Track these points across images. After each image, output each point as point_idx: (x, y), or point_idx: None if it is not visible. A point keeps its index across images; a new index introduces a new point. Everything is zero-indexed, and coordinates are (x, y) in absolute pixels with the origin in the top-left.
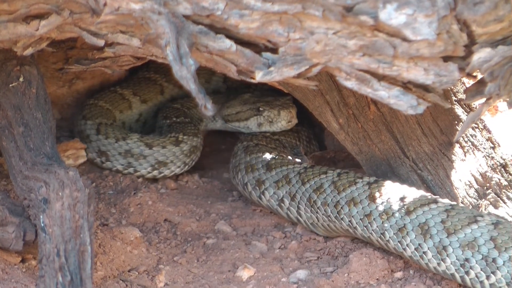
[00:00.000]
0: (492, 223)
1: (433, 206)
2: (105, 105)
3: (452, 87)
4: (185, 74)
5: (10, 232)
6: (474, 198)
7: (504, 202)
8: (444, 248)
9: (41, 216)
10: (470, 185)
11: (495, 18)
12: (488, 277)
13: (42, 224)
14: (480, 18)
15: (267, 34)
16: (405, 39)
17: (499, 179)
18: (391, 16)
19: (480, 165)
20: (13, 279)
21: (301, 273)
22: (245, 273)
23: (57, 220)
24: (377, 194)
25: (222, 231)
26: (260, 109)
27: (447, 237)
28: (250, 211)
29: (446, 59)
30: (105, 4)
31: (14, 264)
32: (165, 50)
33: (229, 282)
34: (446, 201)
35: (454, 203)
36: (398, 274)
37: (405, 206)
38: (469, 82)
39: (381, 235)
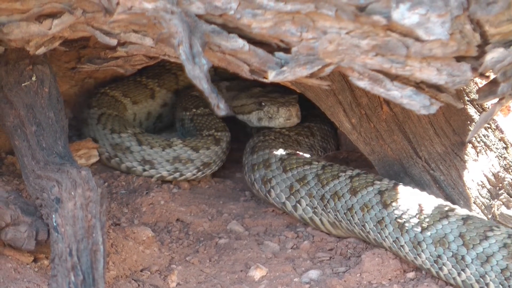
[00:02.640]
0: (462, 218)
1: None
2: (113, 112)
3: (465, 87)
4: (197, 73)
5: (23, 232)
6: (487, 199)
7: None
8: (419, 243)
9: (53, 216)
10: (483, 185)
11: (508, 18)
12: (459, 274)
13: (55, 224)
14: (493, 18)
15: (279, 34)
16: (418, 39)
17: (511, 179)
18: (404, 16)
19: (492, 165)
20: (26, 279)
21: (313, 273)
22: (257, 273)
23: (70, 219)
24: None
25: (234, 231)
26: (262, 104)
27: (421, 232)
28: (262, 211)
29: (459, 59)
30: (118, 3)
31: (27, 263)
32: (178, 50)
33: (241, 282)
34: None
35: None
36: (411, 275)
37: (383, 200)
38: (481, 82)
39: (362, 228)
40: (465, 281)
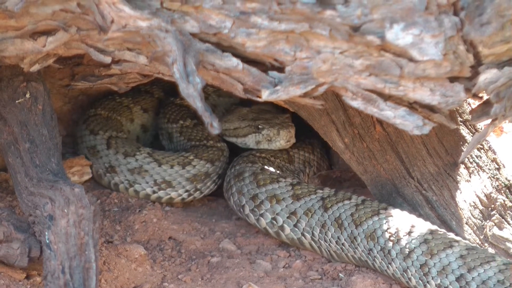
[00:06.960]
0: (392, 215)
1: (346, 202)
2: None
3: (458, 108)
4: (191, 92)
5: (15, 249)
6: (479, 219)
7: (509, 223)
8: (355, 238)
9: (46, 233)
10: (475, 206)
11: (502, 39)
12: (388, 267)
13: (47, 241)
14: (487, 39)
15: (273, 53)
16: (411, 59)
17: (503, 200)
18: (398, 36)
19: (485, 186)
20: None
21: None
22: None
23: (62, 236)
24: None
25: (226, 249)
26: (259, 127)
27: (355, 228)
28: (255, 230)
29: (452, 79)
30: (112, 21)
31: (19, 280)
32: (172, 68)
33: None
34: (360, 198)
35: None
36: None
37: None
38: (474, 103)
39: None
40: (393, 275)
